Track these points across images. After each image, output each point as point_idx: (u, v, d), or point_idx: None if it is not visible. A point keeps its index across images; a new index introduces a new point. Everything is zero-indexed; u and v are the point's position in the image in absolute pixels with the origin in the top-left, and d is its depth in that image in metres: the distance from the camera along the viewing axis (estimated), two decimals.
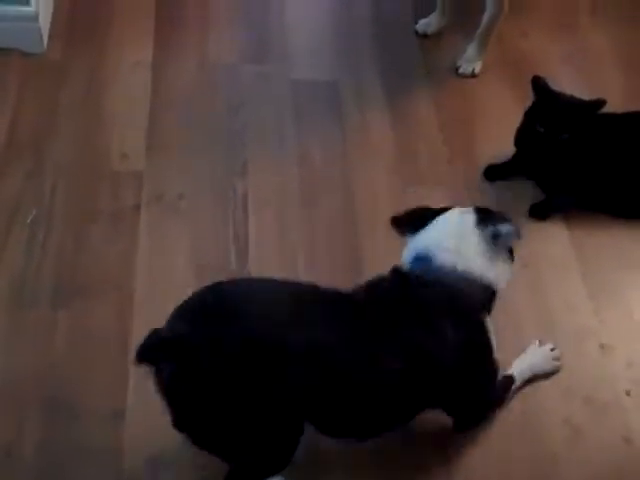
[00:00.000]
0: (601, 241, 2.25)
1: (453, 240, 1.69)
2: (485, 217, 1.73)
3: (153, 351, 1.44)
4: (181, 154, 2.40)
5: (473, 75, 2.68)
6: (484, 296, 1.68)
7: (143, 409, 1.77)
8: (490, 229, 1.69)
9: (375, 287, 1.66)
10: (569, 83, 2.52)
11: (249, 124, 2.50)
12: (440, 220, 1.75)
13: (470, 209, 1.77)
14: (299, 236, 2.22)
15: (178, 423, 1.49)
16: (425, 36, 2.80)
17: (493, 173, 2.39)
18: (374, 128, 2.52)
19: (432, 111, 2.58)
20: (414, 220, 1.77)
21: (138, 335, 1.48)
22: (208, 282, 1.56)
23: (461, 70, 2.68)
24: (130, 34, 2.74)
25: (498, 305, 1.96)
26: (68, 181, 2.28)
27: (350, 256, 2.18)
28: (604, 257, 2.20)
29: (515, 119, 2.33)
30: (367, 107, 2.58)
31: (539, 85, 2.25)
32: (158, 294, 2.02)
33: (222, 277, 1.62)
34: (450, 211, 1.78)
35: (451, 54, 2.73)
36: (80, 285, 2.04)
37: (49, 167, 2.31)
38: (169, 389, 1.46)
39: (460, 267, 1.65)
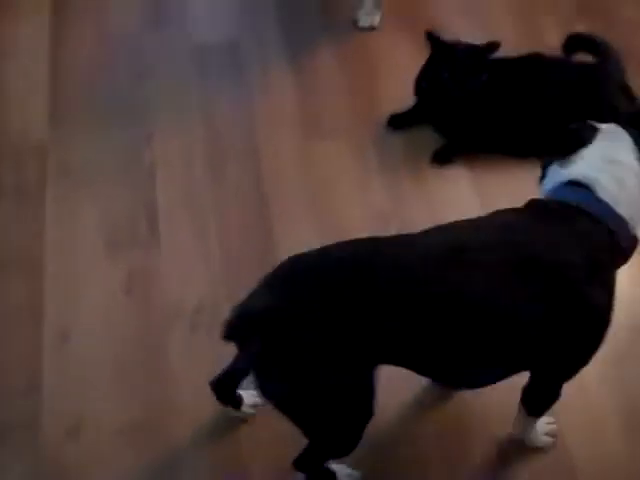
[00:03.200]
0: (500, 180, 2.32)
1: (613, 172, 1.48)
2: None
3: (239, 328, 1.42)
4: (85, 126, 2.39)
5: (372, 27, 2.70)
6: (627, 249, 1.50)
7: (58, 382, 1.79)
8: None
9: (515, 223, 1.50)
10: (464, 30, 2.57)
11: (153, 91, 2.49)
12: (595, 144, 1.53)
13: (619, 129, 1.57)
14: (209, 201, 2.24)
15: (265, 394, 1.47)
16: None
17: (397, 121, 2.44)
18: (277, 86, 2.54)
19: (334, 66, 2.60)
20: (566, 141, 1.58)
21: (51, 309, 1.48)
22: (119, 253, 1.55)
23: (360, 23, 2.71)
24: (25, 2, 2.68)
25: None
26: None
27: (260, 216, 2.21)
28: (503, 196, 2.27)
29: (416, 69, 2.38)
30: (270, 66, 2.59)
31: (433, 38, 2.30)
32: (69, 267, 2.03)
33: (133, 247, 1.63)
34: (601, 132, 1.56)
35: (350, 8, 2.75)
36: None
37: None
38: (258, 364, 1.42)
39: (621, 210, 1.46)
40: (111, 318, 1.99)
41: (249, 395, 1.83)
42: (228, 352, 1.88)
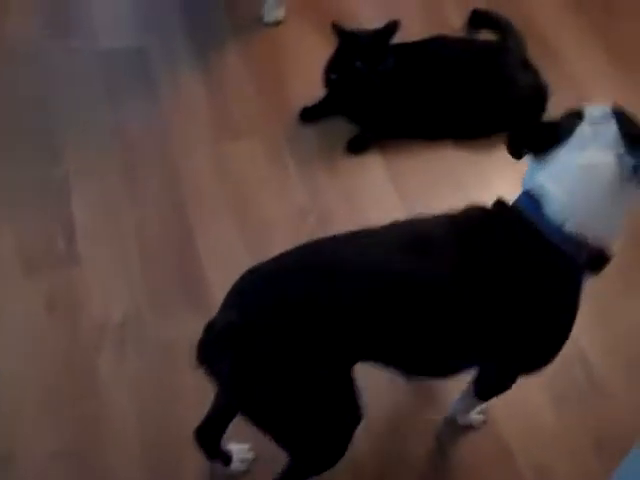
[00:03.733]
0: (412, 164, 2.35)
1: (572, 182, 1.38)
2: (630, 132, 1.37)
3: (210, 346, 1.38)
4: None
5: (278, 22, 2.71)
6: (591, 261, 1.42)
7: None
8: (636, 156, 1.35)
9: (466, 221, 1.48)
10: (369, 18, 2.59)
11: (60, 104, 2.45)
12: (568, 143, 1.40)
13: (608, 114, 1.39)
14: (126, 211, 2.22)
15: (245, 412, 1.44)
16: None
17: (308, 114, 2.45)
18: (187, 89, 2.52)
19: (243, 64, 2.60)
20: (538, 137, 1.45)
21: None
22: (38, 273, 1.51)
23: (265, 19, 2.70)
24: None
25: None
26: None
27: (179, 222, 2.19)
28: (418, 179, 2.32)
29: (324, 60, 2.39)
30: (178, 70, 2.57)
31: (339, 29, 2.31)
32: None
33: (52, 265, 1.58)
34: (580, 126, 1.40)
35: (255, 4, 2.74)
36: None
37: None
38: (231, 383, 1.40)
39: (570, 226, 1.38)
40: (35, 340, 1.96)
41: (239, 449, 1.76)
42: (160, 364, 1.90)
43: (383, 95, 2.35)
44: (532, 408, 1.90)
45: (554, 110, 2.44)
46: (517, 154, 1.49)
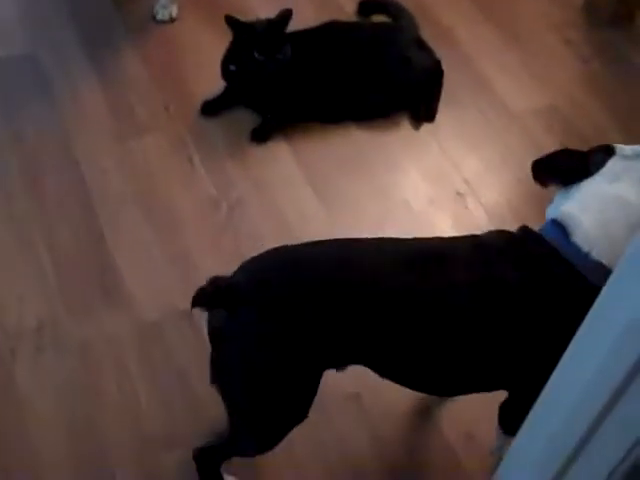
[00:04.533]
0: (318, 148, 2.38)
1: (602, 212, 1.39)
2: None
3: (208, 297, 1.40)
4: None
5: (172, 19, 2.69)
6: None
7: None
8: None
9: (491, 244, 1.47)
10: (263, 9, 2.61)
11: None
12: (599, 175, 1.43)
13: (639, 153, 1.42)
14: (34, 218, 2.17)
15: (216, 371, 1.47)
16: None
17: (210, 107, 2.44)
18: (84, 92, 2.48)
19: (140, 63, 2.58)
20: (568, 168, 1.48)
21: None
22: None
23: (159, 17, 2.69)
24: None
25: (242, 230, 2.06)
26: None
27: (88, 223, 2.16)
28: (325, 163, 2.34)
29: (221, 54, 2.39)
30: (73, 73, 2.53)
31: (233, 21, 2.32)
32: None
33: None
34: (612, 160, 1.43)
35: (146, 3, 2.72)
36: None
37: None
38: (215, 333, 1.44)
39: (596, 255, 1.38)
40: None
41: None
42: (80, 364, 1.87)
43: (283, 83, 2.37)
44: None
45: (449, 88, 2.52)
46: (542, 182, 1.52)
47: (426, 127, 2.47)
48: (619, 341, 0.97)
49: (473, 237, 1.51)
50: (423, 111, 2.48)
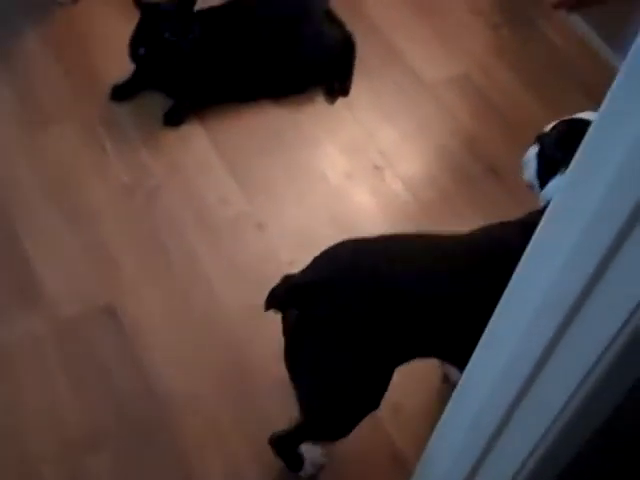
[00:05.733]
0: (233, 127, 2.34)
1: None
2: None
3: (281, 298, 1.47)
4: None
5: (74, 0, 2.61)
6: None
7: None
8: None
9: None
10: None
11: None
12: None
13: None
14: None
15: (291, 362, 1.52)
16: None
17: (120, 92, 2.38)
18: None
19: (44, 48, 2.48)
20: (563, 138, 1.55)
21: None
22: None
23: None
24: None
25: (159, 217, 2.02)
26: None
27: (1, 223, 2.09)
28: (241, 143, 2.31)
29: (128, 36, 2.32)
30: None
31: (140, 3, 2.25)
32: None
33: None
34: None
35: None
36: None
37: None
38: (293, 332, 1.48)
39: None
40: None
41: (312, 451, 1.74)
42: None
43: (194, 63, 2.32)
44: None
45: (362, 61, 2.51)
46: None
47: (341, 101, 2.45)
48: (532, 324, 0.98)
49: (511, 224, 1.56)
50: (337, 85, 2.46)
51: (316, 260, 1.52)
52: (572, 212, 0.87)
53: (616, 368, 0.89)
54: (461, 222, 1.80)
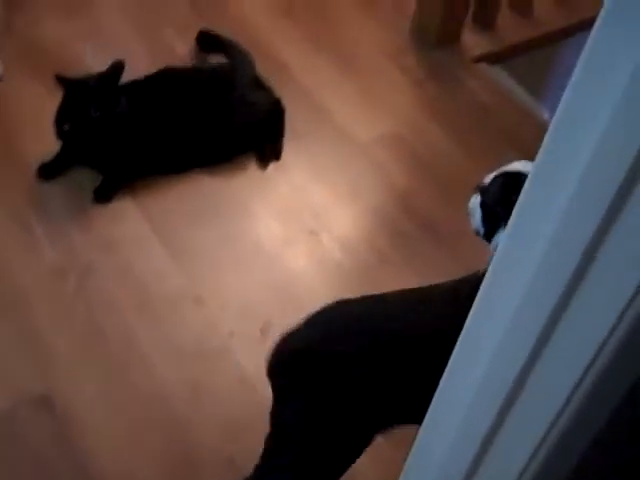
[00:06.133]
0: (167, 202, 2.30)
1: None
2: None
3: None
4: None
5: None
6: None
7: None
8: None
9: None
10: (95, 60, 2.52)
11: None
12: None
13: None
14: None
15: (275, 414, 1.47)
16: None
17: (47, 171, 2.33)
18: None
19: None
20: (502, 193, 1.54)
21: None
22: None
23: None
24: None
25: (94, 298, 1.96)
26: None
27: None
28: (175, 216, 2.27)
29: (52, 113, 2.27)
30: None
31: (63, 80, 2.22)
32: None
33: None
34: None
35: None
36: None
37: None
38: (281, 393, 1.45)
39: None
40: None
41: None
42: None
43: (122, 138, 2.28)
44: None
45: (292, 124, 2.50)
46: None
47: (274, 166, 2.44)
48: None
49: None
50: (268, 150, 2.45)
51: (310, 320, 1.49)
52: (512, 274, 0.85)
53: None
54: (400, 283, 1.78)
